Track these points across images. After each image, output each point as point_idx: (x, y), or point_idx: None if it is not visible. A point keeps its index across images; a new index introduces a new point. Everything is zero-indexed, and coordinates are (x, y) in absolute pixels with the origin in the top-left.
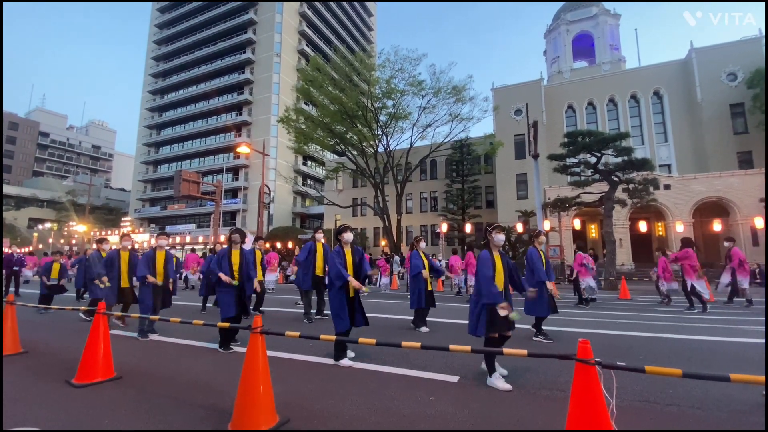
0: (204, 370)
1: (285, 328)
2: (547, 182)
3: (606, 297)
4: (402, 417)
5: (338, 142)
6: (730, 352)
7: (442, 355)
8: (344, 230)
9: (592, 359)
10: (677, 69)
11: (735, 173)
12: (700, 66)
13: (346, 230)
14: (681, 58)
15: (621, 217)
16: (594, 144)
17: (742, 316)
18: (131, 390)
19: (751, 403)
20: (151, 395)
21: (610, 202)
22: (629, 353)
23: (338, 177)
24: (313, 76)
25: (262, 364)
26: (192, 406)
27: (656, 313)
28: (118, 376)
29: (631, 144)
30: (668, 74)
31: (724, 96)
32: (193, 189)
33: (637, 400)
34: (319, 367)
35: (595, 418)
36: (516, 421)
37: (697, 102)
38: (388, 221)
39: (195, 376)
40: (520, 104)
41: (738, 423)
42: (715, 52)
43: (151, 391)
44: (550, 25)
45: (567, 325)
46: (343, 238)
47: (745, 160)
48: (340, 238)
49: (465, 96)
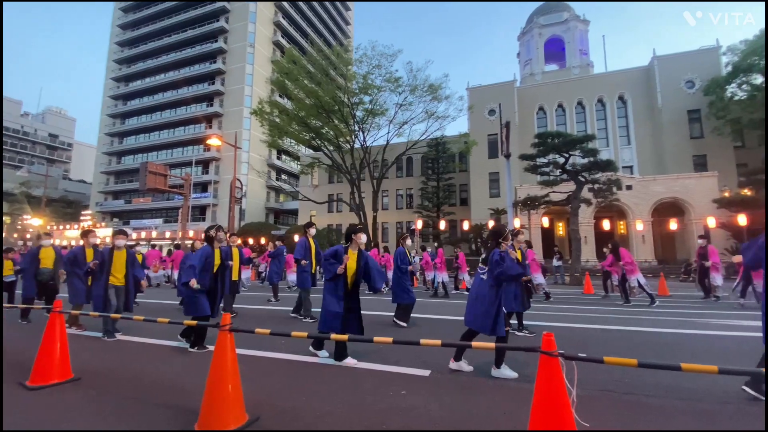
0: (171, 370)
1: (260, 326)
2: (518, 181)
3: (571, 292)
4: (374, 412)
5: (314, 136)
6: (685, 343)
7: (415, 350)
8: (360, 231)
9: (556, 351)
10: (640, 75)
11: (691, 176)
12: (661, 73)
13: (361, 231)
14: (644, 65)
15: (586, 216)
16: (562, 145)
17: (699, 310)
18: (91, 392)
19: (701, 391)
20: (113, 397)
21: (576, 201)
22: (591, 345)
23: (314, 172)
24: (288, 68)
25: (230, 362)
26: (157, 407)
27: (617, 308)
28: (77, 378)
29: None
30: (632, 80)
31: (682, 102)
32: (160, 182)
33: (597, 389)
34: (293, 364)
35: (558, 408)
36: (484, 411)
37: (657, 107)
38: (364, 218)
39: (161, 376)
40: (494, 104)
41: (689, 409)
42: (675, 60)
43: (113, 392)
44: (524, 27)
45: (534, 319)
46: (359, 238)
47: (700, 164)
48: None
49: (441, 94)
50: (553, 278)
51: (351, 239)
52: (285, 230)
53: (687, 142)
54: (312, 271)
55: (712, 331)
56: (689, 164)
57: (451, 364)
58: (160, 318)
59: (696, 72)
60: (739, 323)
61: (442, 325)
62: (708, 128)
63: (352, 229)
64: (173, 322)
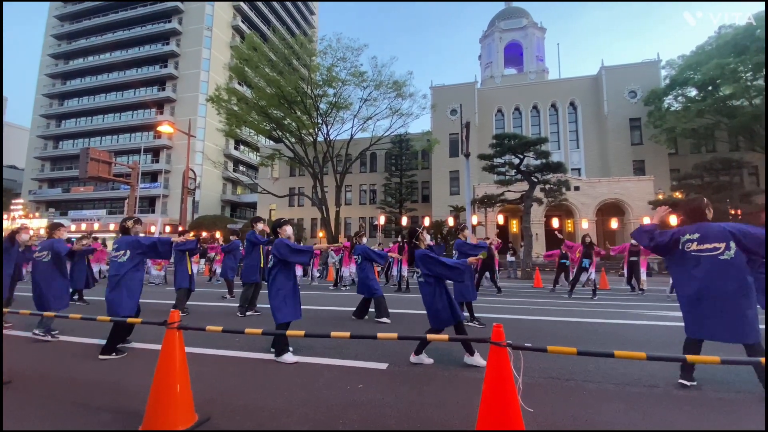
0: (112, 371)
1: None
2: (477, 180)
3: (522, 285)
4: (330, 407)
5: (275, 127)
6: (621, 332)
7: (374, 344)
8: (284, 224)
9: (504, 342)
10: (590, 83)
11: (630, 179)
12: (608, 82)
13: (286, 224)
14: (593, 74)
15: (538, 214)
16: (518, 147)
17: (634, 302)
18: (22, 395)
19: (632, 376)
20: (47, 400)
21: (529, 200)
22: (538, 335)
23: (274, 164)
24: (248, 54)
25: (179, 361)
26: (96, 410)
27: (564, 300)
28: (7, 381)
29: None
30: (582, 87)
31: (625, 110)
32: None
33: (542, 377)
34: (249, 362)
35: (505, 395)
36: (439, 401)
37: (604, 114)
38: (326, 212)
39: (102, 377)
40: (456, 104)
41: (621, 392)
42: (621, 71)
43: (46, 395)
44: (486, 30)
45: (487, 312)
46: (284, 231)
47: (639, 168)
48: (280, 232)
49: (405, 92)
50: (506, 273)
51: (277, 233)
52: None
53: (628, 148)
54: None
55: (646, 321)
56: (630, 168)
57: (412, 357)
58: (100, 317)
59: (638, 83)
60: (669, 314)
61: (404, 319)
62: (647, 136)
63: (277, 223)
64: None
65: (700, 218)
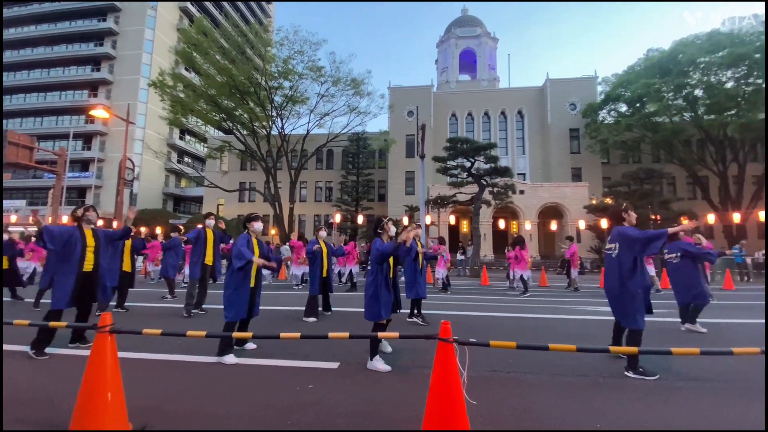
0: (31, 379)
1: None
2: (431, 181)
3: (470, 283)
4: (279, 409)
5: (225, 118)
6: (558, 327)
7: (325, 344)
8: (255, 219)
9: (451, 338)
10: (536, 94)
11: (568, 185)
12: (552, 94)
13: (256, 219)
14: (539, 85)
15: (486, 216)
16: (469, 151)
17: (570, 298)
18: None
19: (566, 366)
20: None
21: (478, 202)
22: (483, 331)
23: (223, 157)
24: (197, 39)
25: (110, 367)
26: (13, 422)
27: (508, 297)
28: None
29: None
30: (529, 97)
31: (566, 121)
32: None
33: (486, 370)
34: (193, 366)
35: (450, 389)
36: (388, 398)
37: (547, 123)
38: (279, 209)
39: (20, 386)
40: (413, 106)
41: (555, 382)
42: (563, 84)
43: None
44: (443, 36)
45: (436, 309)
46: (252, 226)
47: (576, 175)
48: (249, 226)
49: (363, 90)
50: (456, 271)
51: (246, 227)
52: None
53: (567, 156)
54: (206, 262)
55: (580, 315)
56: (568, 175)
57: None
58: (17, 321)
59: (578, 96)
60: (601, 309)
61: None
62: (584, 145)
63: (247, 217)
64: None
65: (617, 223)
